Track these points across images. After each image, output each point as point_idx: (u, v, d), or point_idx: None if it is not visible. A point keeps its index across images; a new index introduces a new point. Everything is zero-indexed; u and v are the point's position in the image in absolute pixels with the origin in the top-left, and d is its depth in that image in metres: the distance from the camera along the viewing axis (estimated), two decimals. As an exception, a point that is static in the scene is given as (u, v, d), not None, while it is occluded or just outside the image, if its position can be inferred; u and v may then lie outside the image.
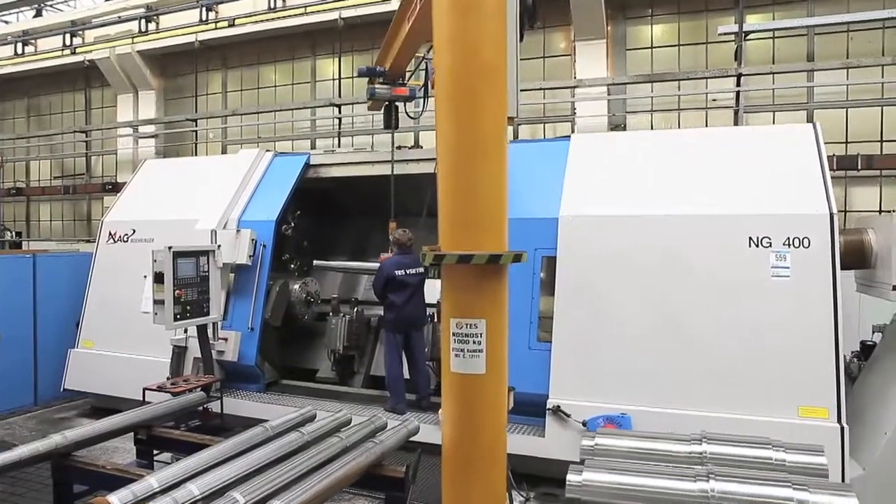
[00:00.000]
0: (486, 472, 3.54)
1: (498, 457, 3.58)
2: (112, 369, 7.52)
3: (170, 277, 5.95)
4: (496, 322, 3.54)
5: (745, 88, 8.99)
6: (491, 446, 3.54)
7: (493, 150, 3.49)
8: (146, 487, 3.36)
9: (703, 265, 5.51)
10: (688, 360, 5.40)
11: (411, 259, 6.67)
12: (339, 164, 7.78)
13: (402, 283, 6.54)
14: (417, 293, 6.69)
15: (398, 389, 6.56)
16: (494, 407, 3.56)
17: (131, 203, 8.31)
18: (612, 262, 5.73)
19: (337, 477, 3.54)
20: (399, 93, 7.14)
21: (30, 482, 5.43)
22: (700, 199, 5.73)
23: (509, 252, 3.46)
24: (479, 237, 3.46)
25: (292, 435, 4.11)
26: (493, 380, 3.54)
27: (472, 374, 3.48)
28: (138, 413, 4.73)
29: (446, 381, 3.59)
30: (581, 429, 5.44)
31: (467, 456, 3.52)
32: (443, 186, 3.50)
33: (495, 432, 3.57)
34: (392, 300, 6.57)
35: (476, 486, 3.51)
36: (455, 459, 3.56)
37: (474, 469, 3.52)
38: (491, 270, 3.48)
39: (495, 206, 3.52)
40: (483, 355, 3.47)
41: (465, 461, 3.53)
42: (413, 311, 6.65)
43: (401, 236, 6.76)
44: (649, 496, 2.98)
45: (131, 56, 13.15)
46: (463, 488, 3.55)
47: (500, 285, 3.57)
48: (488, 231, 3.49)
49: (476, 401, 3.51)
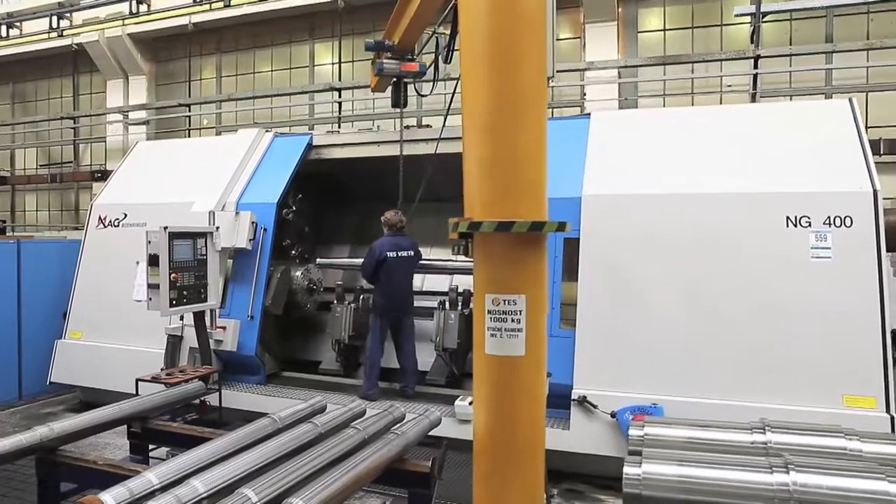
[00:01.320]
0: (525, 467, 3.18)
1: (536, 449, 3.23)
2: (102, 361, 7.09)
3: (165, 260, 5.54)
4: (536, 298, 3.19)
5: (762, 71, 8.65)
6: (529, 437, 3.18)
7: (534, 109, 3.17)
8: (144, 484, 2.96)
9: (738, 247, 5.16)
10: (722, 347, 5.05)
11: (404, 241, 6.40)
12: (343, 144, 7.38)
13: (394, 265, 6.25)
14: (409, 277, 6.43)
15: (374, 374, 6.31)
16: (533, 393, 3.21)
17: (122, 186, 7.87)
18: (640, 244, 5.38)
19: (360, 471, 3.15)
20: (408, 68, 6.73)
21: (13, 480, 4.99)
22: (734, 176, 5.38)
23: (553, 221, 3.12)
24: (518, 204, 3.12)
25: (304, 426, 3.72)
26: (533, 363, 3.19)
27: (510, 357, 3.14)
28: (132, 404, 4.32)
29: (480, 364, 3.24)
30: (610, 420, 5.10)
31: (503, 448, 3.16)
32: (476, 152, 3.15)
33: (534, 421, 3.21)
34: (383, 283, 6.28)
35: (514, 483, 3.15)
36: (489, 453, 3.20)
37: (511, 463, 3.16)
38: (531, 241, 3.15)
39: (536, 171, 3.19)
40: (522, 335, 3.13)
41: (500, 454, 3.17)
42: (405, 295, 6.40)
43: (392, 217, 6.46)
44: (721, 490, 2.63)
45: (121, 39, 12.65)
46: (499, 485, 3.18)
47: (540, 257, 3.22)
48: (528, 198, 3.15)
49: (514, 386, 3.16)
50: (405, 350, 6.43)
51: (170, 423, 4.65)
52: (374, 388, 6.23)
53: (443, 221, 8.31)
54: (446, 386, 6.54)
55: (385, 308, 6.31)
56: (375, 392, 6.17)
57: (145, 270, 5.92)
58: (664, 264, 5.29)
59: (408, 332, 6.45)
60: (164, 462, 3.26)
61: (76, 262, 7.66)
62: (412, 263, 6.43)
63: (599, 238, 5.50)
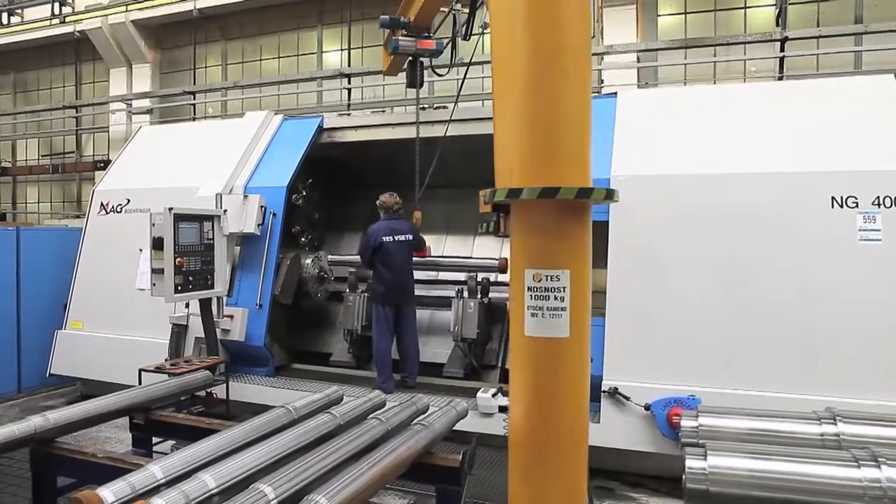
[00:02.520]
0: (568, 460, 2.86)
1: (580, 441, 2.91)
2: (103, 352, 6.80)
3: (170, 243, 5.23)
4: (580, 274, 2.89)
5: (790, 54, 8.31)
6: (573, 427, 2.87)
7: (578, 66, 2.88)
8: (148, 478, 2.67)
9: (779, 230, 4.84)
10: (763, 336, 4.73)
11: (400, 224, 6.11)
12: (355, 126, 7.07)
13: (391, 250, 5.95)
14: (408, 262, 6.12)
15: (386, 366, 5.98)
16: (577, 379, 2.91)
17: (126, 171, 7.56)
18: (674, 227, 5.06)
19: (386, 465, 2.85)
20: (425, 46, 6.42)
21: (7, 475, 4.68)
22: (772, 155, 5.05)
23: (601, 188, 2.82)
24: (563, 170, 2.82)
25: (322, 417, 3.42)
26: (577, 345, 2.89)
27: (552, 339, 2.83)
28: (135, 393, 4.03)
29: (518, 348, 2.93)
30: (643, 413, 4.78)
31: (545, 440, 2.85)
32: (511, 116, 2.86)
33: (578, 410, 2.90)
34: (380, 270, 5.98)
35: (557, 478, 2.84)
36: (528, 445, 2.89)
37: (554, 457, 2.85)
38: (576, 210, 2.86)
39: (580, 134, 2.90)
40: (566, 314, 2.83)
41: (541, 447, 2.86)
42: (404, 281, 6.07)
43: (387, 199, 6.19)
44: (801, 486, 2.32)
45: (125, 26, 12.32)
46: (538, 480, 2.87)
47: (585, 229, 2.92)
48: (571, 163, 2.86)
49: (557, 371, 2.85)
50: (406, 339, 6.11)
51: (175, 414, 4.35)
52: (389, 380, 5.91)
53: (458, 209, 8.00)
54: (465, 378, 6.23)
55: (385, 295, 5.99)
56: (391, 384, 5.85)
57: (149, 258, 5.63)
58: (700, 248, 4.97)
59: (409, 320, 6.13)
60: (170, 455, 2.96)
61: (77, 249, 7.37)
62: (410, 248, 6.12)
63: (630, 221, 5.18)
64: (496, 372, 6.43)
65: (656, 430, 4.74)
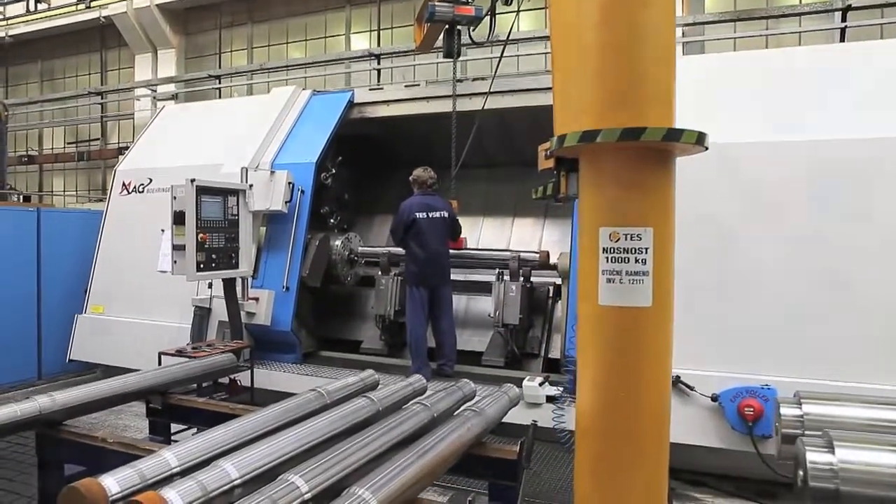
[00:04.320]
0: (651, 450, 2.43)
1: (662, 428, 2.47)
2: (124, 337, 6.50)
3: (192, 218, 4.88)
4: (664, 233, 2.48)
5: (852, 24, 7.70)
6: (655, 412, 2.44)
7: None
8: (160, 466, 2.28)
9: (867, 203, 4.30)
10: (849, 321, 4.20)
11: (435, 200, 5.66)
12: (387, 101, 6.66)
13: (425, 227, 5.52)
14: (444, 241, 5.66)
15: (421, 352, 5.57)
16: (660, 356, 2.47)
17: (148, 150, 7.26)
18: (743, 199, 4.57)
19: (435, 456, 2.42)
20: (463, 12, 6.01)
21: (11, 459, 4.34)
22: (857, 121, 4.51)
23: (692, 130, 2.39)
24: (644, 109, 2.41)
25: (359, 401, 3.01)
26: (661, 316, 2.47)
27: (633, 308, 2.41)
28: (153, 374, 3.67)
29: (589, 320, 2.51)
30: (710, 405, 4.30)
31: (624, 427, 2.40)
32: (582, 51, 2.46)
33: (661, 392, 2.47)
34: (413, 248, 5.56)
35: (637, 472, 2.41)
36: (600, 433, 2.45)
37: (633, 446, 2.41)
38: (660, 158, 2.45)
39: (663, 68, 2.46)
40: (649, 280, 2.40)
41: (617, 434, 2.42)
42: (440, 260, 5.63)
43: (421, 174, 5.76)
44: (964, 489, 1.85)
45: (150, 10, 12.12)
46: (613, 473, 2.43)
47: (669, 180, 2.51)
48: (655, 101, 2.43)
49: (638, 346, 2.42)
50: (443, 323, 5.67)
51: (195, 398, 3.98)
52: (425, 367, 5.47)
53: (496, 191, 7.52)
54: (506, 367, 5.79)
55: (419, 276, 5.56)
56: (427, 372, 5.42)
57: (170, 238, 5.28)
58: (775, 222, 4.46)
59: (446, 304, 5.68)
60: (186, 440, 2.57)
61: (98, 232, 7.09)
62: (446, 225, 5.67)
63: (693, 195, 4.67)
64: (539, 361, 5.97)
65: (724, 423, 4.26)
